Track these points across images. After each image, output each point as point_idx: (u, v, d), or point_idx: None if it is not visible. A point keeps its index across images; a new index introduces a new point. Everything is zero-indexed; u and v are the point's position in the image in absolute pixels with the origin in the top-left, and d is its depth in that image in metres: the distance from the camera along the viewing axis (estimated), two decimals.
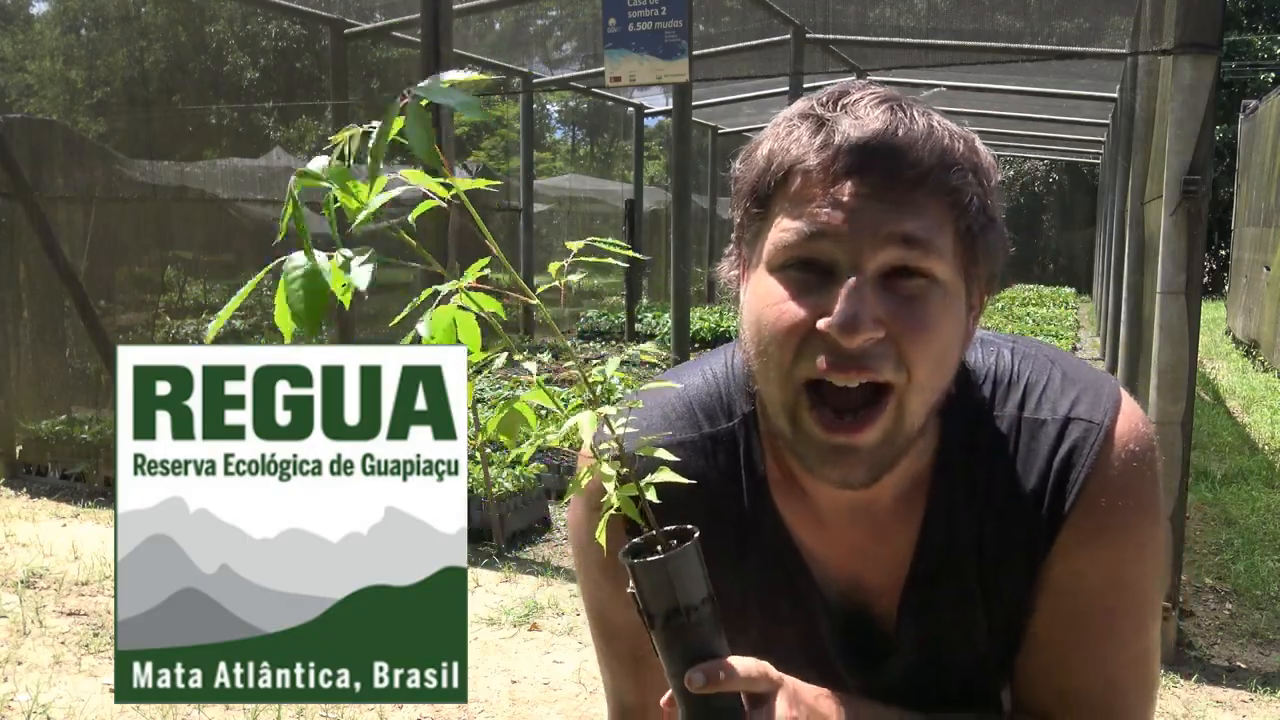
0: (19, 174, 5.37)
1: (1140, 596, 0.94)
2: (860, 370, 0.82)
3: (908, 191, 0.82)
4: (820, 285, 0.83)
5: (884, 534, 0.96)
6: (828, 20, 7.82)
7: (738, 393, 1.00)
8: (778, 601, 0.99)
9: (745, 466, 0.98)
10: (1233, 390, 8.43)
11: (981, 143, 0.89)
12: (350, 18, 7.36)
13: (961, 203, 0.84)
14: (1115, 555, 0.92)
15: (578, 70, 10.65)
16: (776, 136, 0.88)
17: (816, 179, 0.83)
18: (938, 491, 0.95)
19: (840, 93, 0.87)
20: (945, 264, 0.84)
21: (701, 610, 0.80)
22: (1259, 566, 4.17)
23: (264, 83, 16.45)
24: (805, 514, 0.98)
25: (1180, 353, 3.12)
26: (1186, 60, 3.05)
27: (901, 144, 0.82)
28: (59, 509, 4.98)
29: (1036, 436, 0.93)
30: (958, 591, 0.95)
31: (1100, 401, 0.93)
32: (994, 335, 1.01)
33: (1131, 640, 0.95)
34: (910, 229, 0.82)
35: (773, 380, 0.87)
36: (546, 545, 4.50)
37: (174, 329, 7.97)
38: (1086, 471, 0.90)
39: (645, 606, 0.80)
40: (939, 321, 0.84)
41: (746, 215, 0.90)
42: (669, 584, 0.79)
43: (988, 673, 0.99)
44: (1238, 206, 12.29)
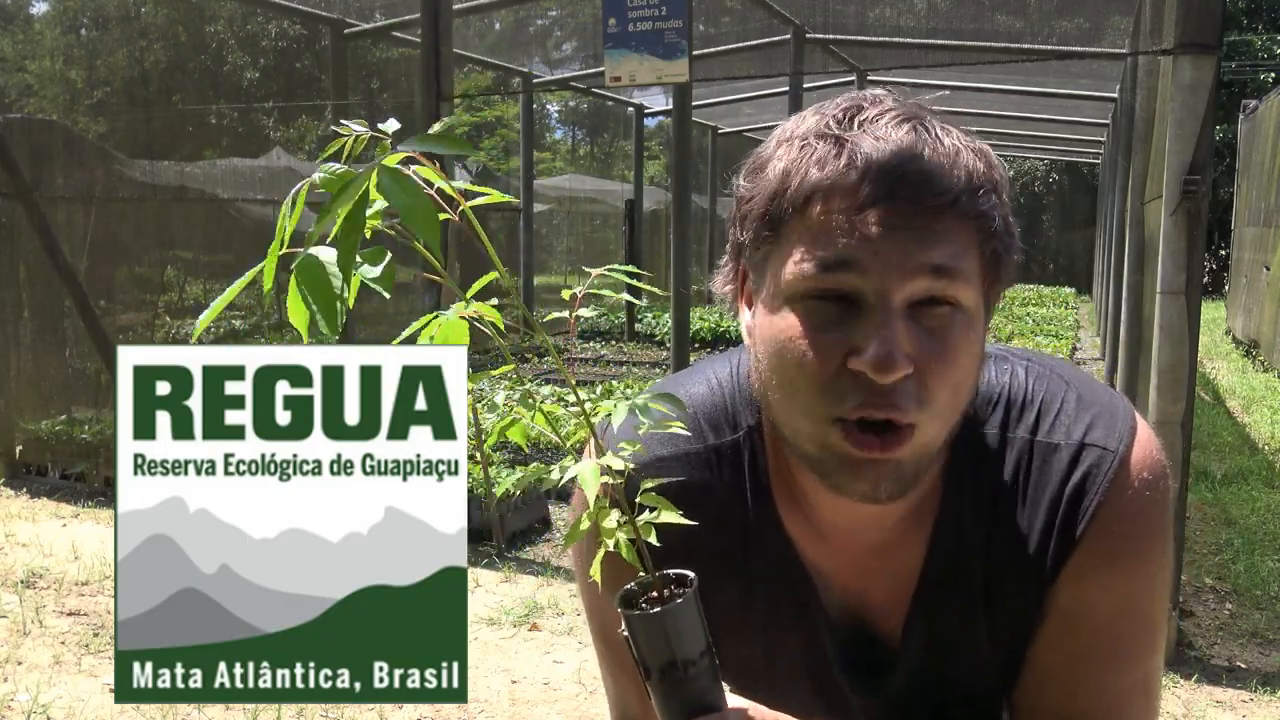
0: (19, 174, 5.37)
1: (1147, 622, 0.93)
2: (888, 409, 0.80)
3: (935, 218, 0.79)
4: (843, 318, 0.81)
5: (889, 549, 0.96)
6: (828, 20, 7.82)
7: (743, 404, 0.98)
8: (781, 612, 0.98)
9: (750, 479, 0.97)
10: (1233, 390, 8.43)
11: (994, 154, 0.86)
12: (350, 18, 7.36)
13: (989, 227, 0.82)
14: (1125, 583, 0.91)
15: (578, 70, 10.64)
16: (791, 157, 0.83)
17: (839, 206, 0.80)
18: (946, 510, 0.94)
19: (853, 108, 0.84)
20: (970, 289, 0.82)
21: (700, 664, 0.78)
22: (1259, 566, 4.17)
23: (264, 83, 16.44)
24: (809, 528, 0.97)
25: (1180, 353, 3.12)
26: (1186, 60, 3.05)
27: (928, 169, 0.79)
28: (59, 509, 4.98)
29: (1049, 461, 0.91)
30: (962, 609, 0.95)
31: (1115, 428, 0.91)
32: (1008, 351, 1.00)
33: (1136, 665, 0.94)
34: (938, 258, 0.79)
35: (799, 417, 0.84)
36: (546, 545, 4.50)
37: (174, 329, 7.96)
38: (1099, 499, 0.89)
39: (640, 658, 0.79)
40: (961, 351, 0.83)
41: (756, 237, 0.86)
42: (665, 638, 0.77)
43: (990, 692, 0.99)
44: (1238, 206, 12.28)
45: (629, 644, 0.80)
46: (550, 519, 4.81)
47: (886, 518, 0.94)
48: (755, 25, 8.26)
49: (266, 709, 2.88)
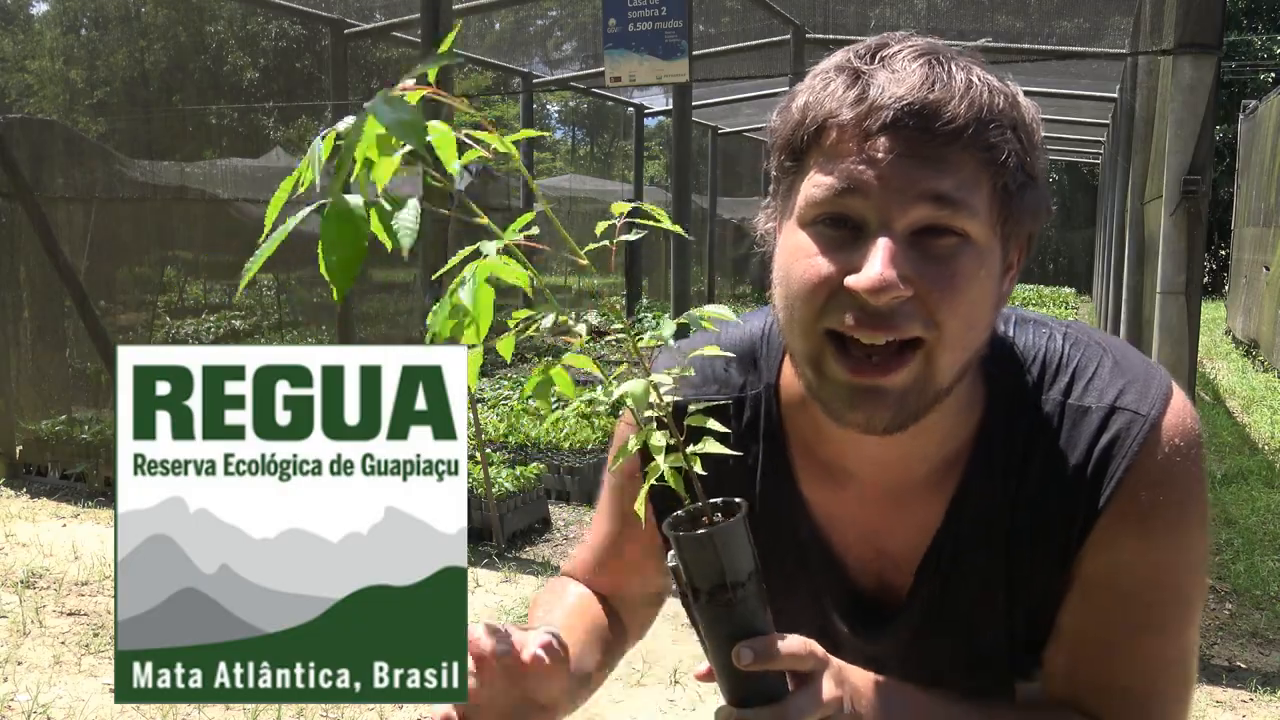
0: (19, 174, 5.37)
1: (1179, 594, 0.92)
2: (888, 329, 0.81)
3: (942, 148, 0.80)
4: (850, 242, 0.83)
5: (909, 502, 0.96)
6: (828, 20, 7.82)
7: (770, 356, 1.01)
8: (783, 555, 0.99)
9: (765, 427, 1.00)
10: (1233, 390, 8.43)
11: (1026, 98, 0.86)
12: (350, 18, 7.36)
13: (998, 160, 0.82)
14: (1154, 551, 0.89)
15: (578, 70, 10.64)
16: (812, 89, 0.86)
17: (850, 134, 0.82)
18: (972, 469, 0.94)
19: (879, 45, 0.85)
20: (979, 223, 0.82)
21: (748, 586, 0.78)
22: (1259, 566, 4.17)
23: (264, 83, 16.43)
24: (825, 476, 0.98)
25: (1180, 353, 3.12)
26: (1186, 60, 3.05)
27: (938, 99, 0.80)
28: (59, 509, 4.98)
29: (1079, 424, 0.91)
30: (980, 570, 0.94)
31: (1149, 393, 0.90)
32: (1047, 319, 1.00)
33: (1169, 638, 0.93)
34: (942, 187, 0.80)
35: (797, 332, 0.86)
36: (546, 545, 4.50)
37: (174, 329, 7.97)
38: (1127, 463, 0.88)
39: (690, 580, 0.79)
40: (969, 280, 0.83)
41: (780, 168, 0.89)
42: (716, 558, 0.77)
43: (1001, 657, 0.98)
44: (1238, 206, 12.29)
45: (676, 572, 0.80)
46: (550, 519, 4.81)
47: (909, 464, 0.94)
48: (755, 25, 8.26)
49: (266, 709, 2.87)
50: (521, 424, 5.82)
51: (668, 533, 0.79)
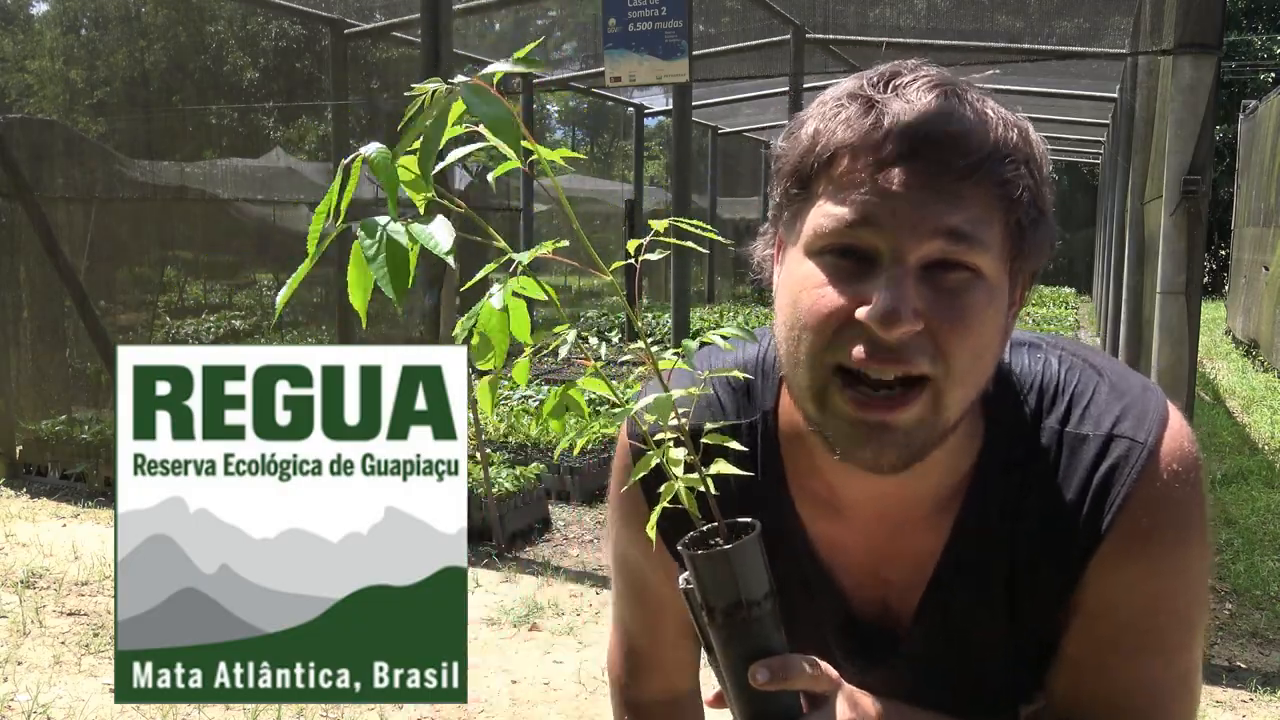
0: (19, 174, 5.37)
1: (1181, 618, 0.92)
2: (897, 363, 0.80)
3: (956, 182, 0.79)
4: (860, 273, 0.81)
5: (909, 531, 0.95)
6: (828, 20, 7.82)
7: (766, 384, 1.00)
8: (785, 588, 0.99)
9: (763, 456, 0.98)
10: (1233, 390, 8.43)
11: (1035, 132, 0.85)
12: (350, 18, 7.36)
13: (1012, 196, 0.81)
14: (1155, 577, 0.89)
15: (578, 70, 10.64)
16: (823, 116, 0.84)
17: (863, 164, 0.80)
18: (972, 498, 0.93)
19: (892, 73, 0.84)
20: (990, 258, 0.81)
21: (764, 605, 0.78)
22: (1259, 566, 4.17)
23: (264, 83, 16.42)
24: (825, 504, 0.97)
25: (1180, 353, 3.12)
26: (1186, 60, 3.05)
27: (953, 133, 0.79)
28: (59, 509, 4.98)
29: (1078, 452, 0.90)
30: (981, 600, 0.94)
31: (1146, 418, 0.90)
32: (1042, 339, 0.99)
33: (1171, 660, 0.92)
34: (956, 222, 0.79)
35: (803, 363, 0.84)
36: (546, 545, 4.50)
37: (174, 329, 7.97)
38: (1127, 490, 0.88)
39: (705, 599, 0.79)
40: (979, 316, 0.82)
41: (786, 195, 0.87)
42: (732, 577, 0.77)
43: (1002, 682, 0.99)
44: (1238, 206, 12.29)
45: (689, 594, 0.79)
46: (550, 519, 4.81)
47: (908, 498, 0.94)
48: (755, 25, 8.26)
49: (266, 709, 2.87)
50: (522, 424, 5.82)
51: (682, 552, 0.79)
